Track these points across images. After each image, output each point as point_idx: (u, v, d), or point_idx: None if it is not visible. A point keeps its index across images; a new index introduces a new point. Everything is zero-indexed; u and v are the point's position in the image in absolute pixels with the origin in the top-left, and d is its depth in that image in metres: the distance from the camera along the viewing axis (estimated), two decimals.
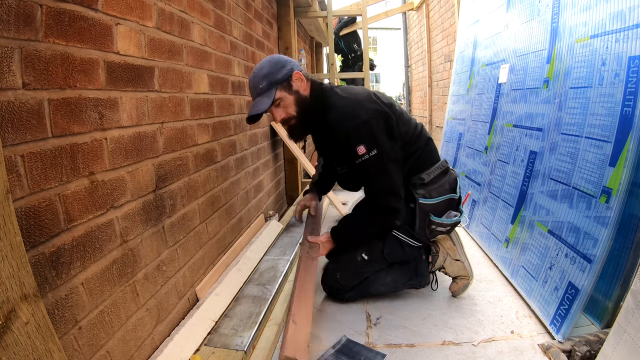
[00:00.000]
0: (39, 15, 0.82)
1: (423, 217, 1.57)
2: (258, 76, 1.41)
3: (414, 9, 6.94)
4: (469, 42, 3.08)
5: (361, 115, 1.40)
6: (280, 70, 1.41)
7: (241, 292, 1.72)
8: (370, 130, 1.39)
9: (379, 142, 1.40)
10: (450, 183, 1.61)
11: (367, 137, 1.39)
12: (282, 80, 1.40)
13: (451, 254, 1.72)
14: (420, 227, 1.58)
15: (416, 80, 7.41)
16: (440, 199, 1.58)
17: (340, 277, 1.65)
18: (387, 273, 1.68)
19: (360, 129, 1.39)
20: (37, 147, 0.81)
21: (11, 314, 0.60)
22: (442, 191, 1.58)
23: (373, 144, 1.39)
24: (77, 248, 0.92)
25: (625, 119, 1.26)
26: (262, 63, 1.44)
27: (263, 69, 1.41)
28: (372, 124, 1.40)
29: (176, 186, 1.43)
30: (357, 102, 1.45)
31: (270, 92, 1.39)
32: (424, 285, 1.73)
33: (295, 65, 1.46)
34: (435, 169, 1.59)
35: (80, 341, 0.91)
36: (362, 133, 1.39)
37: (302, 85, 1.45)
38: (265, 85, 1.39)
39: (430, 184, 1.57)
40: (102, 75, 1.02)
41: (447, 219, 1.58)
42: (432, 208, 1.57)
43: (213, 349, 1.33)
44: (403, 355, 1.35)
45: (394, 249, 1.62)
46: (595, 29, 1.46)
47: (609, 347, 1.10)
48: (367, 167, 1.42)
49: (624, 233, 1.30)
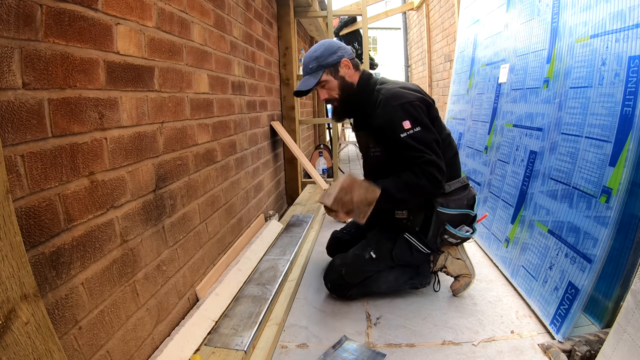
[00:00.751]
0: (39, 15, 0.82)
1: (438, 225, 1.59)
2: (310, 57, 1.56)
3: (414, 8, 6.94)
4: (469, 41, 3.08)
5: (409, 97, 1.50)
6: (331, 55, 1.55)
7: (241, 292, 1.72)
8: (416, 110, 1.48)
9: (423, 122, 1.48)
10: (469, 200, 1.63)
11: (413, 115, 1.47)
12: (330, 65, 1.55)
13: (452, 253, 1.73)
14: (434, 234, 1.60)
15: (416, 80, 7.40)
16: (457, 212, 1.59)
17: (345, 272, 1.66)
18: (389, 272, 1.69)
19: (407, 107, 1.47)
20: (37, 147, 0.81)
21: (11, 313, 0.60)
22: (459, 205, 1.60)
23: (417, 122, 1.47)
24: (77, 248, 0.92)
25: (625, 119, 1.26)
26: (317, 45, 1.59)
27: (316, 51, 1.56)
28: (418, 105, 1.49)
29: (176, 186, 1.43)
30: (406, 87, 1.56)
31: (317, 74, 1.55)
32: (426, 284, 1.74)
33: (346, 53, 1.59)
34: (456, 182, 1.62)
35: (80, 341, 0.91)
36: (409, 110, 1.47)
37: (348, 72, 1.59)
38: (314, 66, 1.55)
39: (450, 195, 1.59)
40: (102, 75, 1.02)
41: (460, 232, 1.60)
42: (449, 218, 1.58)
43: (213, 348, 1.33)
44: (403, 355, 1.35)
45: (403, 251, 1.64)
46: (596, 29, 1.46)
47: (609, 346, 1.09)
48: (412, 140, 1.45)
49: (624, 233, 1.30)
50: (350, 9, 5.18)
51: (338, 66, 1.57)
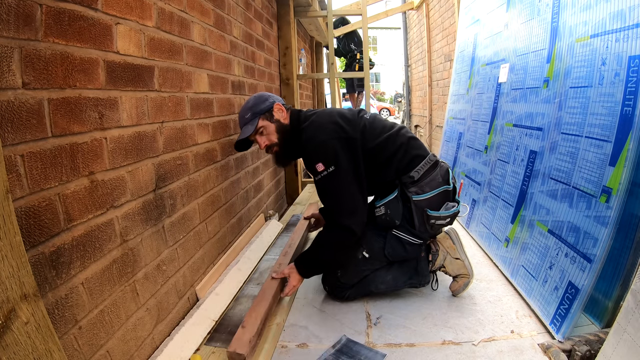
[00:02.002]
0: (39, 14, 0.82)
1: (420, 213, 1.59)
2: (245, 109, 1.64)
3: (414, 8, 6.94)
4: (469, 41, 3.08)
5: (320, 136, 1.53)
6: (264, 102, 1.63)
7: (241, 291, 1.72)
8: (327, 149, 1.50)
9: (336, 161, 1.49)
10: (443, 175, 1.63)
11: (324, 155, 1.49)
12: (264, 110, 1.62)
13: (451, 252, 1.73)
14: (420, 223, 1.60)
15: (416, 79, 7.41)
16: (434, 192, 1.59)
17: (341, 274, 1.66)
18: (387, 271, 1.68)
19: (319, 148, 1.51)
20: (37, 146, 0.81)
21: (11, 313, 0.60)
22: (434, 185, 1.60)
23: (330, 162, 1.49)
24: (77, 248, 0.92)
25: (626, 119, 1.26)
26: (249, 98, 1.68)
27: (249, 103, 1.65)
28: (330, 143, 1.50)
29: (176, 186, 1.43)
30: (320, 125, 1.57)
31: (254, 121, 1.61)
32: (424, 284, 1.73)
33: (277, 99, 1.67)
34: (423, 165, 1.62)
35: (80, 341, 0.91)
36: (320, 151, 1.50)
37: (282, 115, 1.65)
38: (249, 115, 1.61)
39: (421, 180, 1.60)
40: (102, 75, 1.02)
41: (445, 211, 1.60)
42: (427, 203, 1.59)
43: (213, 348, 1.33)
44: (403, 355, 1.35)
45: (395, 248, 1.63)
46: (596, 29, 1.46)
47: (609, 346, 1.10)
48: (324, 184, 1.51)
49: (624, 232, 1.30)
50: (350, 9, 5.18)
51: (272, 111, 1.62)
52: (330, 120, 1.58)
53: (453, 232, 1.78)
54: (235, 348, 1.23)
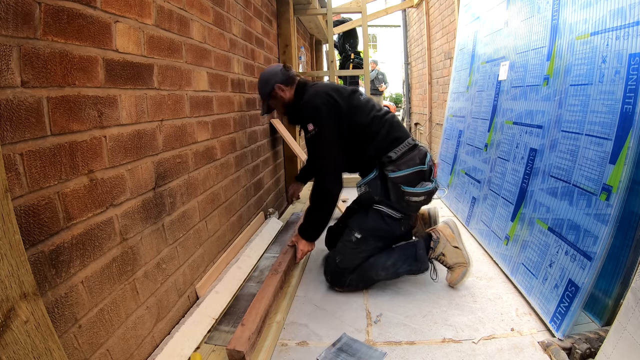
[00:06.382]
0: (38, 13, 0.81)
1: (396, 189, 1.72)
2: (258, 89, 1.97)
3: (413, 6, 6.92)
4: (468, 39, 3.07)
5: (315, 100, 1.75)
6: (266, 86, 1.88)
7: (241, 289, 1.72)
8: (317, 112, 1.72)
9: (322, 122, 1.71)
10: (420, 157, 1.76)
11: (313, 116, 1.72)
12: (269, 94, 1.89)
13: (450, 241, 1.77)
14: (396, 198, 1.73)
15: (416, 77, 7.40)
16: (409, 171, 1.72)
17: (340, 260, 1.74)
18: (387, 257, 1.74)
19: (311, 111, 1.74)
20: (36, 145, 0.81)
21: (10, 312, 0.60)
22: (411, 164, 1.73)
23: (317, 123, 1.71)
24: (76, 246, 0.92)
25: (626, 117, 1.25)
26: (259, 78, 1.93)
27: (258, 85, 1.93)
28: (321, 108, 1.72)
29: (176, 184, 1.42)
30: (315, 92, 1.79)
31: (265, 103, 1.94)
32: (423, 270, 1.78)
33: (277, 79, 1.86)
34: (402, 147, 1.77)
35: (80, 339, 0.91)
36: (311, 113, 1.73)
37: (283, 93, 1.87)
38: (260, 97, 1.97)
39: (398, 159, 1.74)
40: (101, 73, 1.02)
41: (419, 188, 1.72)
42: (403, 180, 1.71)
43: (213, 346, 1.33)
44: (403, 353, 1.35)
45: (376, 222, 1.76)
46: (596, 26, 1.45)
47: (609, 344, 1.10)
48: (311, 141, 1.75)
49: (624, 230, 1.30)
50: (350, 7, 5.16)
51: (273, 92, 1.87)
52: (324, 90, 1.79)
53: (452, 223, 1.84)
54: (235, 345, 1.23)
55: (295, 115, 1.90)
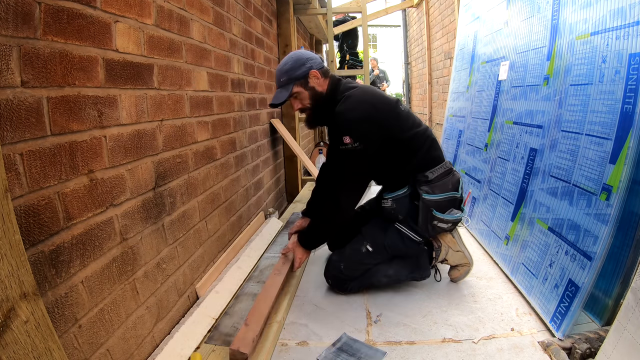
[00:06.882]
0: (37, 13, 0.81)
1: (426, 212, 1.62)
2: (281, 70, 1.60)
3: (413, 6, 6.92)
4: (469, 39, 3.07)
5: (357, 112, 1.53)
6: (300, 67, 1.58)
7: (241, 289, 1.72)
8: (361, 128, 1.52)
9: (364, 141, 1.51)
10: (454, 183, 1.67)
11: (356, 131, 1.51)
12: (300, 77, 1.58)
13: (452, 246, 1.76)
14: (424, 221, 1.63)
15: (416, 77, 7.40)
16: (443, 196, 1.63)
17: (344, 267, 1.69)
18: (389, 265, 1.71)
19: (353, 123, 1.52)
20: (36, 145, 0.81)
21: (11, 312, 0.60)
22: (445, 189, 1.64)
23: (357, 140, 1.51)
24: (76, 246, 0.92)
25: (626, 116, 1.25)
26: (287, 58, 1.62)
27: (286, 65, 1.59)
28: (365, 123, 1.52)
29: (176, 184, 1.42)
30: (360, 101, 1.56)
31: (288, 87, 1.59)
32: (425, 277, 1.76)
33: (315, 64, 1.61)
34: (439, 168, 1.66)
35: (80, 339, 0.91)
36: (353, 127, 1.52)
37: (318, 82, 1.61)
38: (285, 79, 1.59)
39: (433, 181, 1.63)
40: (101, 73, 1.02)
41: (449, 215, 1.63)
42: (435, 204, 1.62)
43: (213, 346, 1.33)
44: (403, 353, 1.35)
45: (394, 241, 1.67)
46: (596, 26, 1.45)
47: (609, 344, 1.10)
48: (343, 155, 1.54)
49: (624, 230, 1.30)
50: (350, 7, 5.16)
51: (307, 77, 1.59)
52: (369, 101, 1.58)
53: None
54: (239, 347, 1.21)
55: (323, 116, 1.66)
